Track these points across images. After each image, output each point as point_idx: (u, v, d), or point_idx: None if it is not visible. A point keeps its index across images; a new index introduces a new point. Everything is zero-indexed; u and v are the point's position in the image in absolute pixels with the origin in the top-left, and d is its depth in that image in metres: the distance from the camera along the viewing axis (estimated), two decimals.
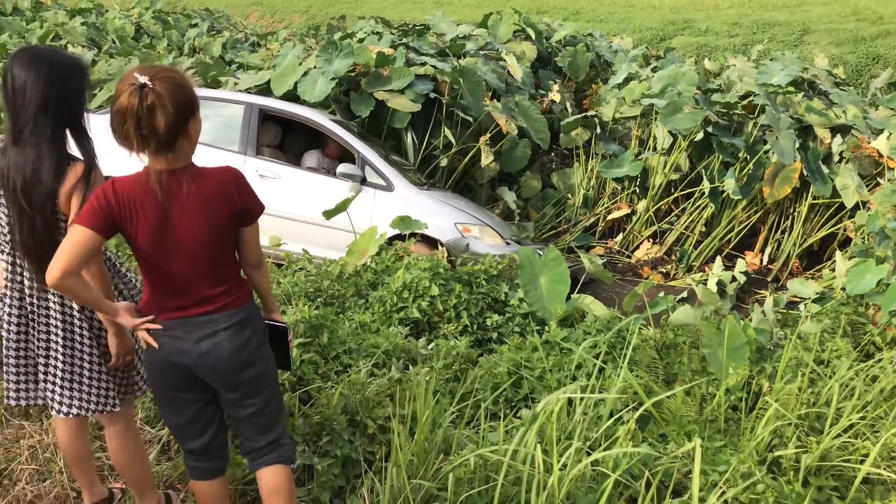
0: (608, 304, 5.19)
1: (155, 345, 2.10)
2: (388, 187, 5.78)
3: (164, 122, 1.86)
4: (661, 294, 5.19)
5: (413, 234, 5.44)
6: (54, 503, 2.69)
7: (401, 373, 3.32)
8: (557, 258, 4.45)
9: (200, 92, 6.31)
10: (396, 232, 5.38)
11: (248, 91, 7.41)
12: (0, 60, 10.67)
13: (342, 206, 5.16)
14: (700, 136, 7.09)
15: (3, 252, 2.30)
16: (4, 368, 2.37)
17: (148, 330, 2.11)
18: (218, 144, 5.83)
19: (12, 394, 2.38)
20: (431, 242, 5.59)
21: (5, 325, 2.33)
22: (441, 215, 5.67)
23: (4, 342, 2.33)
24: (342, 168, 5.69)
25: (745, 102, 7.42)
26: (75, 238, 1.92)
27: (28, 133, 2.13)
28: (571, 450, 2.26)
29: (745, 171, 6.85)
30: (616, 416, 2.71)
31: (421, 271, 4.34)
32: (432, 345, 3.83)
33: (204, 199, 2.01)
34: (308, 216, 5.66)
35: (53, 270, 1.91)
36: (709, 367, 3.60)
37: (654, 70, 9.09)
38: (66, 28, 12.67)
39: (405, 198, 5.74)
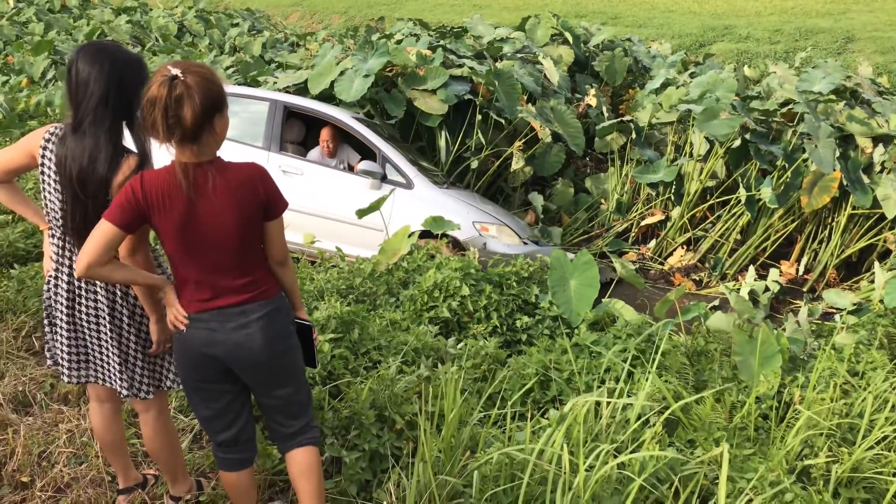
0: (639, 310, 5.16)
1: (182, 328, 2.15)
2: (408, 185, 5.83)
3: (191, 113, 1.92)
4: (693, 302, 5.15)
5: (434, 233, 5.48)
6: (90, 486, 2.76)
7: (429, 371, 3.34)
8: (589, 262, 4.44)
9: (227, 88, 6.45)
10: (420, 230, 5.42)
11: (286, 90, 7.52)
12: (48, 56, 10.95)
13: (375, 206, 5.20)
14: (737, 142, 7.01)
15: (53, 236, 2.38)
16: (59, 350, 2.44)
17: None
18: (243, 140, 5.92)
19: (66, 372, 2.46)
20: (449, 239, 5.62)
21: (56, 308, 2.40)
22: (459, 213, 5.70)
23: (58, 324, 2.41)
24: (363, 165, 5.76)
25: (784, 110, 7.31)
26: (100, 232, 2.01)
27: (88, 124, 2.22)
28: (598, 451, 2.26)
29: (783, 179, 6.76)
30: (643, 419, 2.70)
31: (452, 271, 4.36)
32: (461, 344, 3.85)
33: (230, 192, 2.05)
34: (329, 212, 5.74)
35: (80, 262, 2.01)
36: (740, 374, 3.57)
37: (692, 76, 9.01)
38: (111, 26, 12.97)
39: (424, 196, 5.78)
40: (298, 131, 6.81)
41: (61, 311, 2.39)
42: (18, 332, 3.86)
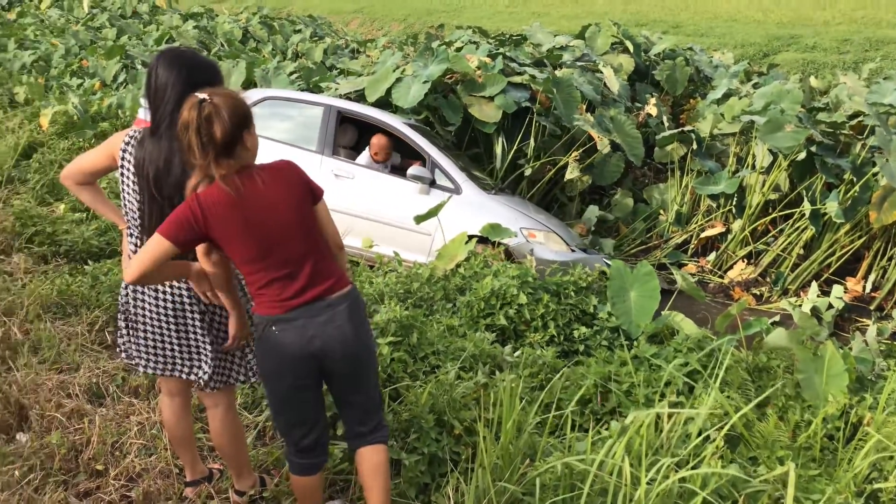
0: (699, 323, 5.08)
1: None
2: (457, 191, 5.87)
3: (220, 129, 2.07)
4: (754, 317, 5.05)
5: (478, 238, 5.52)
6: (159, 477, 2.87)
7: (486, 378, 3.37)
8: (650, 273, 4.41)
9: (283, 93, 6.64)
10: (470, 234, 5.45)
11: (346, 96, 7.65)
12: (120, 61, 11.35)
13: (433, 212, 5.26)
14: (802, 155, 6.85)
15: (131, 235, 2.48)
16: (135, 344, 2.54)
17: (273, 328, 2.24)
18: (297, 144, 6.02)
19: (143, 363, 2.55)
20: (494, 245, 5.65)
21: (136, 304, 2.50)
22: (507, 219, 5.70)
23: (139, 319, 2.51)
24: (413, 170, 5.85)
25: (853, 122, 7.11)
26: (153, 246, 2.13)
27: (164, 127, 2.32)
28: (660, 465, 2.25)
29: (851, 193, 6.57)
30: (704, 435, 2.67)
31: (509, 279, 4.38)
32: (518, 352, 3.86)
33: (276, 181, 2.21)
34: (378, 215, 5.83)
35: (132, 272, 2.14)
36: (803, 393, 3.49)
37: (755, 86, 8.84)
38: (179, 31, 13.36)
39: (472, 201, 5.82)
40: (351, 136, 6.94)
41: (140, 307, 2.48)
42: (92, 326, 4.02)
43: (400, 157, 6.59)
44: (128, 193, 2.44)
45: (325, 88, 8.44)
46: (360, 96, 7.70)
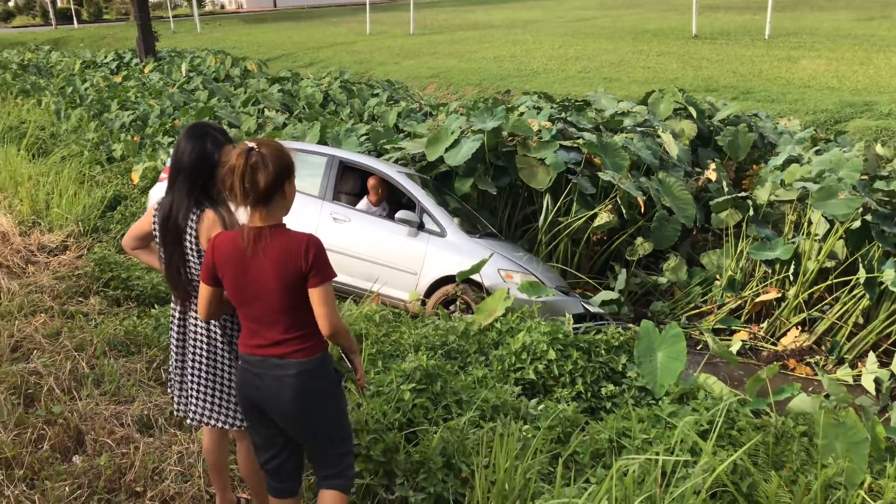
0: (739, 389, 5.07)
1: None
2: (442, 233, 6.27)
3: (264, 178, 2.25)
4: (811, 388, 5.02)
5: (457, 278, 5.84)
6: (191, 501, 3.13)
7: (504, 427, 3.51)
8: (677, 335, 4.48)
9: (293, 144, 7.12)
10: (445, 275, 5.94)
11: (412, 158, 8.12)
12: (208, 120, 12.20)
13: (475, 269, 5.52)
14: (858, 223, 6.77)
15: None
16: (173, 382, 2.89)
17: (239, 362, 2.54)
18: (302, 190, 6.48)
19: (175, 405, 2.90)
20: (477, 286, 5.97)
21: (171, 345, 2.85)
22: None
23: (173, 359, 2.88)
24: (401, 214, 6.29)
25: None
26: (201, 290, 2.50)
27: (171, 185, 2.74)
28: None
29: None
30: (690, 485, 2.75)
31: (540, 335, 4.53)
32: (542, 406, 3.99)
33: (277, 254, 2.33)
34: (370, 255, 6.30)
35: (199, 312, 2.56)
36: (822, 459, 3.49)
37: (818, 153, 8.78)
38: (264, 94, 14.25)
39: (455, 243, 6.19)
40: (353, 184, 7.47)
41: (173, 349, 2.83)
42: (150, 364, 4.39)
43: (394, 204, 7.04)
44: (160, 248, 2.82)
45: (390, 150, 8.88)
46: (421, 157, 8.11)
